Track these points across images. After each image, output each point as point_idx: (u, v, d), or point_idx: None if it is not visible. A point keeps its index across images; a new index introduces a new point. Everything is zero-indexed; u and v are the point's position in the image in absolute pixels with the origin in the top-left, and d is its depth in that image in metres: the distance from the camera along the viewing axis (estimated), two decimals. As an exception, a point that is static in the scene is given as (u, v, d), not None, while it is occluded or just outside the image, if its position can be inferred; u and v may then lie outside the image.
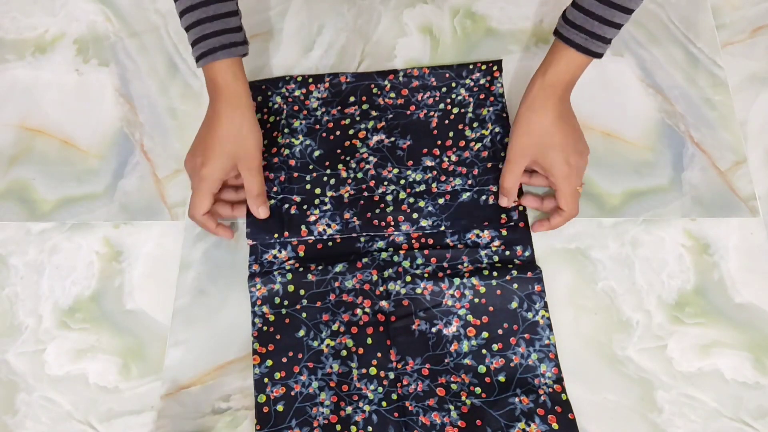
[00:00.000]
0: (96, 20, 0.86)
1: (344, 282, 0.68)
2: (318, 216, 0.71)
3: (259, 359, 0.66)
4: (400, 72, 0.78)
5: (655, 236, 0.70)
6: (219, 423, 0.64)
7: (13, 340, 0.69)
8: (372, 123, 0.75)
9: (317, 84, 0.78)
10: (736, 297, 0.68)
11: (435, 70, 0.78)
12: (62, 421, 0.65)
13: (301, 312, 0.68)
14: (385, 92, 0.77)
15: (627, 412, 0.63)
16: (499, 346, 0.65)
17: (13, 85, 0.82)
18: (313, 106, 0.77)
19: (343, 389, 0.64)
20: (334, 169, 0.73)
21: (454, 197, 0.71)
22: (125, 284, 0.71)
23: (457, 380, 0.64)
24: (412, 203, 0.71)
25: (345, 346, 0.66)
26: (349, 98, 0.77)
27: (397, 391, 0.64)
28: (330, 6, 0.85)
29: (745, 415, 0.63)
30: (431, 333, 0.66)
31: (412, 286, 0.67)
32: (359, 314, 0.67)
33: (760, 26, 0.81)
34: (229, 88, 0.66)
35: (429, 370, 0.65)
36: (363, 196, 0.72)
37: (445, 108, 0.76)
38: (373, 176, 0.72)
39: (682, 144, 0.75)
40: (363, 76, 0.78)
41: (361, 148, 0.74)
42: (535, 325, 0.66)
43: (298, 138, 0.75)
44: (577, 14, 0.64)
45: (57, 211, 0.75)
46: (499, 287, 0.67)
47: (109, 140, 0.78)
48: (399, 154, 0.74)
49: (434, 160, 0.73)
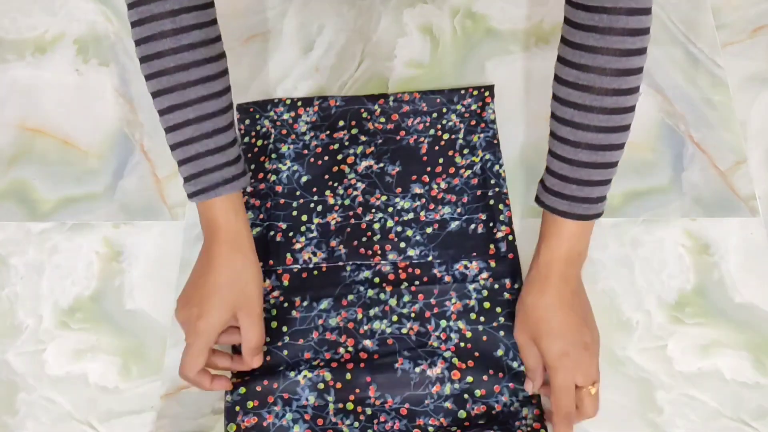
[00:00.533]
0: (96, 20, 0.86)
1: (328, 320, 0.67)
2: (304, 244, 0.70)
3: (232, 386, 0.63)
4: (390, 96, 0.77)
5: (655, 236, 0.70)
6: (219, 423, 0.64)
7: (13, 340, 0.69)
8: (361, 148, 0.74)
9: (306, 107, 0.77)
10: (736, 297, 0.68)
11: (426, 95, 0.77)
12: (62, 421, 0.65)
13: (282, 349, 0.66)
14: (375, 117, 0.76)
15: (627, 412, 0.63)
16: (482, 393, 0.63)
17: (13, 85, 0.82)
18: (301, 130, 0.76)
19: (318, 423, 0.62)
20: (321, 195, 0.72)
21: (442, 226, 0.70)
22: (125, 284, 0.71)
23: (436, 423, 0.62)
24: (400, 232, 0.70)
25: (323, 379, 0.64)
26: (339, 122, 0.76)
27: (373, 428, 0.62)
28: (330, 6, 0.85)
29: (745, 415, 0.63)
30: (414, 372, 0.64)
31: (398, 326, 0.66)
32: (341, 353, 0.66)
33: (760, 26, 0.81)
34: (230, 227, 0.60)
35: (408, 410, 0.63)
36: (350, 224, 0.71)
37: (436, 134, 0.75)
38: (361, 203, 0.72)
39: (682, 144, 0.75)
40: (353, 99, 0.77)
41: (349, 173, 0.73)
42: (520, 375, 0.64)
43: (285, 164, 0.74)
44: (553, 180, 0.58)
45: (57, 211, 0.75)
46: (485, 333, 0.66)
47: (109, 140, 0.78)
48: (388, 180, 0.73)
49: (423, 187, 0.72)
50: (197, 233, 0.72)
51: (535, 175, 0.72)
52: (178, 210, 0.74)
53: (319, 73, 0.80)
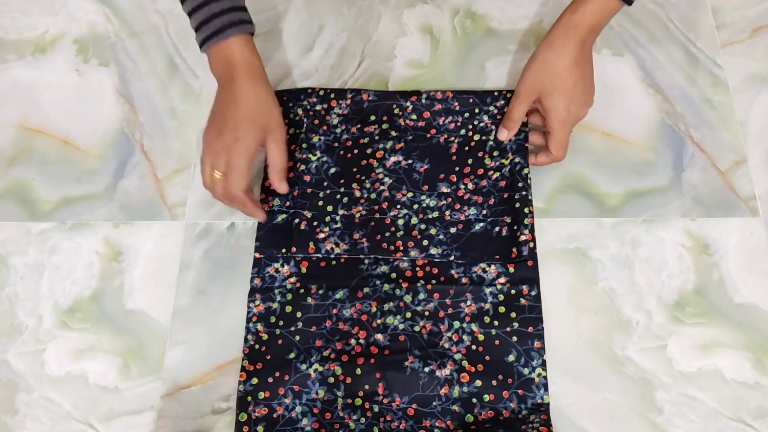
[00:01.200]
0: (96, 20, 0.86)
1: (342, 310, 0.67)
2: (327, 234, 0.70)
3: (246, 376, 0.65)
4: (423, 94, 0.76)
5: (655, 236, 0.70)
6: (219, 423, 0.64)
7: (13, 340, 0.69)
8: (390, 143, 0.74)
9: (339, 100, 0.77)
10: (736, 297, 0.68)
11: (459, 94, 0.76)
12: (62, 421, 0.65)
13: (294, 335, 0.67)
14: (407, 113, 0.76)
15: (627, 412, 0.63)
16: (491, 398, 0.63)
17: (13, 85, 0.82)
18: (333, 122, 0.76)
19: (326, 417, 0.63)
20: (348, 187, 0.72)
21: (466, 227, 0.70)
22: (125, 284, 0.71)
23: (442, 426, 0.63)
24: (423, 230, 0.70)
25: (333, 374, 0.64)
26: (370, 117, 0.76)
27: (379, 426, 0.63)
28: (330, 6, 0.85)
29: (745, 415, 0.63)
30: (423, 372, 0.64)
31: (411, 323, 0.66)
32: (353, 344, 0.66)
33: (760, 26, 0.81)
34: (248, 62, 0.65)
35: (415, 410, 0.63)
36: (374, 218, 0.71)
37: (466, 134, 0.74)
38: (387, 198, 0.71)
39: (682, 144, 0.75)
40: (386, 95, 0.77)
41: (377, 168, 0.73)
42: (529, 382, 0.64)
43: (315, 154, 0.74)
44: None
45: (57, 211, 0.75)
46: (498, 337, 0.66)
47: (109, 140, 0.78)
48: (415, 177, 0.72)
49: (450, 186, 0.72)
50: (197, 233, 0.72)
51: (535, 173, 0.73)
52: (178, 210, 0.74)
53: (319, 73, 0.80)
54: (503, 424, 0.62)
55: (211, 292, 0.70)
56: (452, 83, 0.79)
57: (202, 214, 0.73)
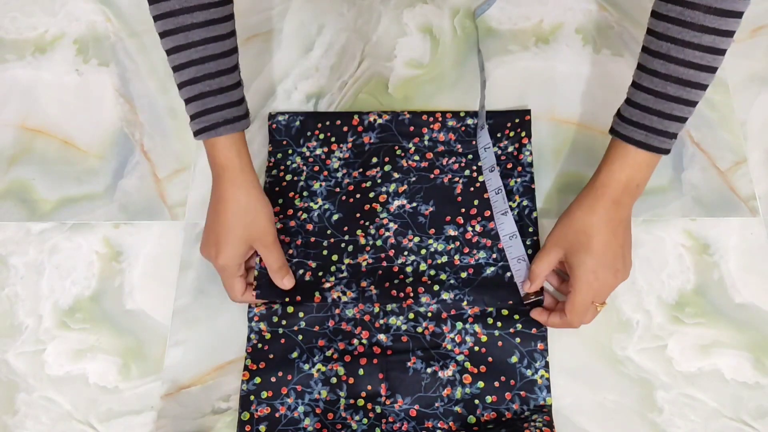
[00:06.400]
0: (96, 20, 0.86)
1: (345, 310, 0.67)
2: (333, 283, 0.68)
3: (249, 375, 0.65)
4: (425, 136, 0.74)
5: (655, 236, 0.70)
6: (219, 423, 0.64)
7: (13, 340, 0.69)
8: (394, 186, 0.72)
9: (340, 144, 0.75)
10: (736, 297, 0.68)
11: (461, 136, 0.74)
12: (62, 421, 0.65)
13: (297, 334, 0.67)
14: (409, 155, 0.74)
15: (627, 412, 0.63)
16: (493, 399, 0.63)
17: (13, 85, 0.82)
18: (334, 167, 0.74)
19: (329, 417, 0.63)
20: (353, 235, 0.70)
21: (477, 272, 0.68)
22: (125, 284, 0.71)
23: (444, 427, 0.62)
24: (433, 276, 0.68)
25: (336, 374, 0.64)
26: (372, 159, 0.74)
27: (381, 426, 0.63)
28: (330, 6, 0.85)
29: (745, 415, 0.63)
30: (426, 373, 0.64)
31: (414, 324, 0.66)
32: (355, 344, 0.66)
33: (760, 26, 0.81)
34: (233, 166, 0.63)
35: (417, 411, 0.63)
36: (382, 266, 0.69)
37: (471, 174, 0.72)
38: (393, 245, 0.70)
39: (682, 144, 0.75)
40: (387, 137, 0.75)
41: (381, 212, 0.71)
42: (532, 383, 0.64)
43: (317, 201, 0.72)
44: (633, 111, 0.59)
45: (57, 211, 0.75)
46: (501, 339, 0.65)
47: (109, 140, 0.78)
48: (420, 220, 0.71)
49: (458, 229, 0.70)
50: (197, 233, 0.72)
51: (534, 173, 0.72)
52: (178, 210, 0.74)
53: (319, 73, 0.80)
54: (505, 425, 0.62)
55: (211, 292, 0.70)
56: (452, 83, 0.79)
57: (202, 214, 0.73)
